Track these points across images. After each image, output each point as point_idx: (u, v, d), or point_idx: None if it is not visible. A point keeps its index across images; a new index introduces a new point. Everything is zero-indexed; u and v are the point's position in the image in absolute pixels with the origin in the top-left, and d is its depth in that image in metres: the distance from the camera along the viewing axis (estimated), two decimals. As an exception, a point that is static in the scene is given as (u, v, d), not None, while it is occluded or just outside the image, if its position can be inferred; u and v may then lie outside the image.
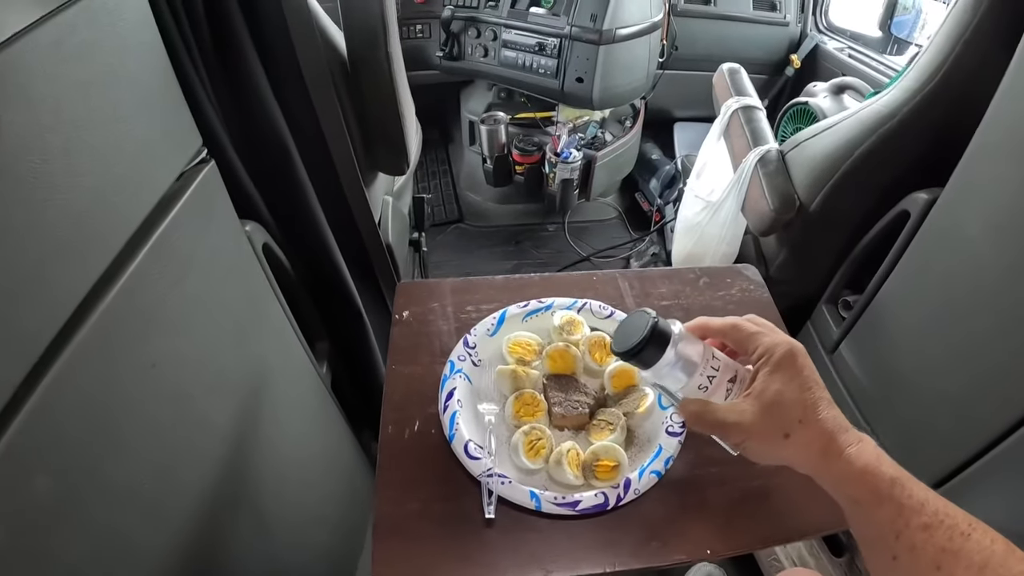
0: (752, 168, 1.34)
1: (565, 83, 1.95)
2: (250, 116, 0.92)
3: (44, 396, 0.48)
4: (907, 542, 0.42)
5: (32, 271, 0.47)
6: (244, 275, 0.87)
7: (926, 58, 1.07)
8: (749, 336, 0.52)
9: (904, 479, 0.44)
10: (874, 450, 0.46)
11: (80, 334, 0.52)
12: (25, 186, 0.46)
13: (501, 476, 0.63)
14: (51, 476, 0.49)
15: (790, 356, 0.49)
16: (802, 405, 0.48)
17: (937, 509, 0.42)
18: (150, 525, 0.62)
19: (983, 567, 0.39)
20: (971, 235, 0.96)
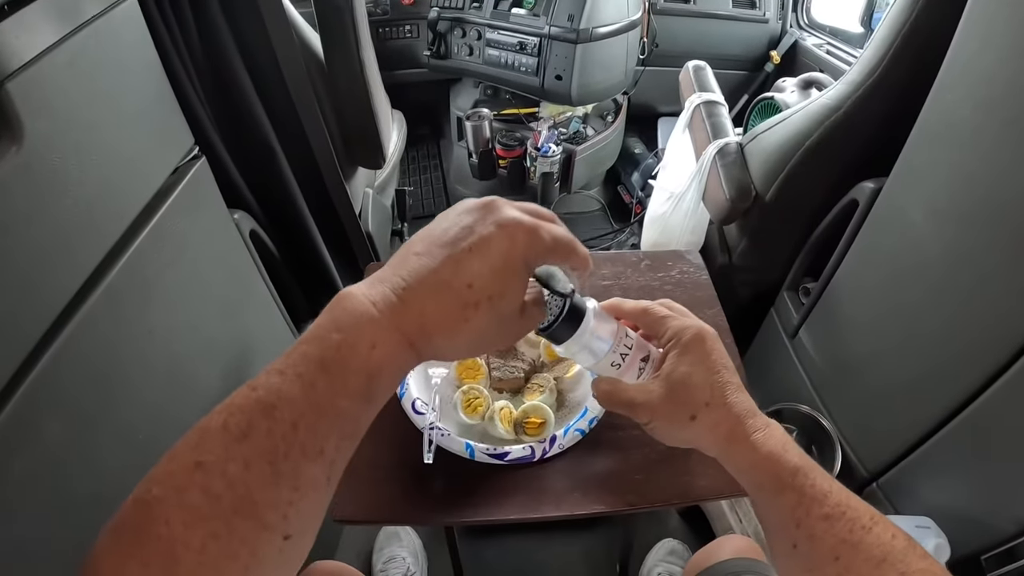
0: (711, 160, 1.39)
1: (545, 80, 2.01)
2: (238, 116, 1.01)
3: (58, 352, 0.58)
4: (807, 531, 0.42)
5: (52, 248, 0.58)
6: (232, 257, 0.97)
7: (868, 52, 1.11)
8: (659, 320, 0.52)
9: (808, 468, 0.44)
10: (781, 437, 0.46)
11: (90, 301, 0.63)
12: (46, 179, 0.58)
13: (441, 429, 0.72)
14: (61, 424, 0.59)
15: (698, 339, 0.49)
16: (709, 388, 0.47)
17: (840, 501, 0.42)
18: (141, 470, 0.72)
19: (881, 561, 0.39)
20: (914, 220, 0.99)
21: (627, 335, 0.52)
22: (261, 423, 0.32)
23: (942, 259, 0.94)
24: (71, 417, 0.61)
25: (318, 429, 0.34)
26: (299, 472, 0.33)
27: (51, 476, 0.59)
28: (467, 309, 0.38)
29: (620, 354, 0.51)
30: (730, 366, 0.49)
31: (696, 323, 0.51)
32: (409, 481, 0.71)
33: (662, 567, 1.35)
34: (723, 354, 0.49)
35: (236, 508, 0.31)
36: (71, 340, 0.60)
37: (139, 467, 0.70)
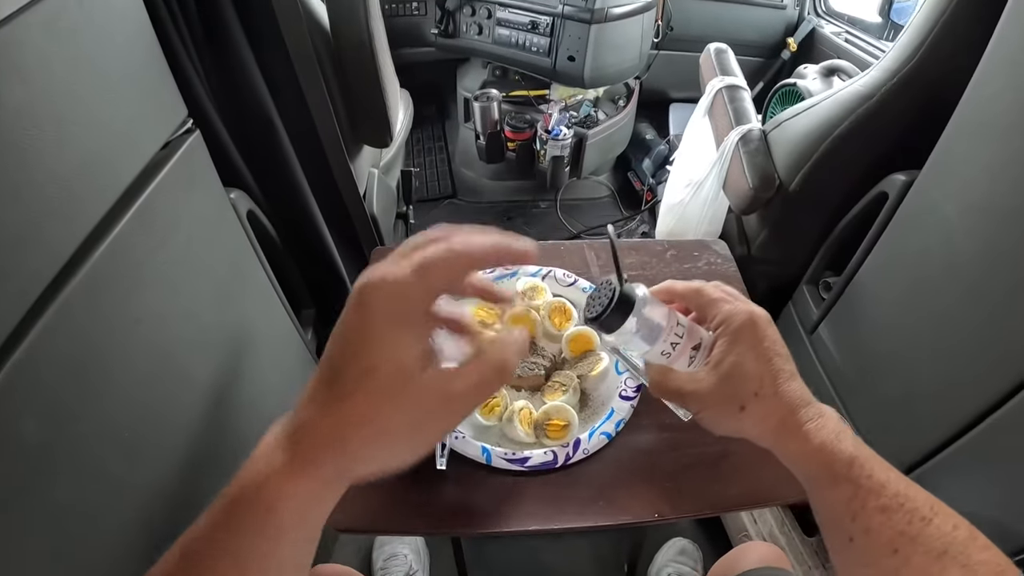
0: (733, 147, 1.34)
1: (557, 61, 1.95)
2: (236, 88, 0.94)
3: (32, 347, 0.51)
4: (863, 524, 0.40)
5: (22, 230, 0.51)
6: (228, 240, 0.90)
7: (905, 39, 1.07)
8: (710, 302, 0.50)
9: (864, 459, 0.42)
10: (835, 426, 0.44)
11: (67, 289, 0.56)
12: (19, 152, 0.50)
13: (455, 431, 0.66)
14: (37, 421, 0.53)
15: (749, 326, 0.47)
16: (758, 377, 0.46)
17: (898, 491, 0.40)
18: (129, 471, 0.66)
19: (942, 553, 0.37)
20: (947, 216, 0.96)
21: (678, 322, 0.51)
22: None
23: (976, 257, 0.90)
24: (48, 416, 0.54)
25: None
26: None
27: (26, 479, 0.52)
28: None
29: (671, 343, 0.50)
30: (783, 353, 0.47)
31: (747, 308, 0.49)
32: (419, 488, 0.65)
33: (672, 567, 1.32)
34: (775, 340, 0.48)
35: None
36: (47, 331, 0.53)
37: (124, 468, 0.65)
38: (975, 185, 0.91)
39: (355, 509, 0.63)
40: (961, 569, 0.37)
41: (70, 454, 0.57)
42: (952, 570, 0.37)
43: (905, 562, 0.38)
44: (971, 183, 0.92)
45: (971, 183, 0.92)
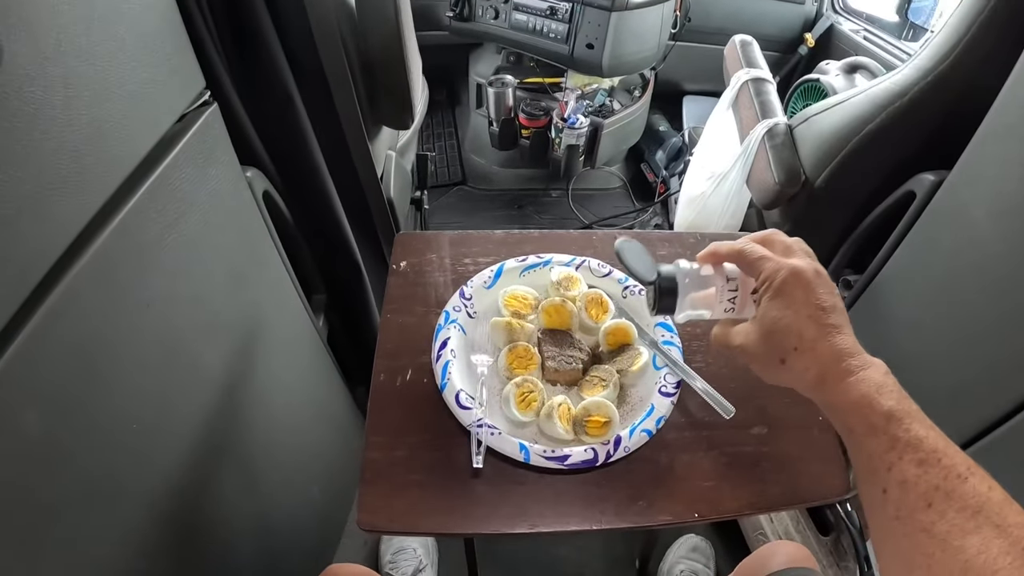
0: (759, 140, 1.32)
1: (575, 49, 1.91)
2: (255, 61, 0.90)
3: (35, 330, 0.48)
4: (898, 476, 0.40)
5: (27, 203, 0.47)
6: (243, 221, 0.86)
7: (940, 38, 1.05)
8: (753, 263, 0.51)
9: (903, 413, 0.42)
10: (878, 380, 0.44)
11: (74, 269, 0.52)
12: (25, 116, 0.46)
13: (491, 427, 0.63)
14: (38, 412, 0.49)
15: (789, 281, 0.48)
16: (797, 333, 0.47)
17: (936, 448, 0.40)
18: (137, 464, 0.63)
19: (977, 512, 0.37)
20: (976, 219, 0.94)
21: (727, 280, 0.54)
22: None
23: (1005, 261, 0.88)
24: (51, 406, 0.51)
25: None
26: None
27: (26, 476, 0.49)
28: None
29: (728, 300, 0.54)
30: (827, 306, 0.47)
31: (789, 264, 0.49)
32: (450, 487, 0.62)
33: (684, 564, 1.31)
34: (818, 294, 0.47)
35: None
36: (51, 316, 0.49)
37: (133, 462, 0.61)
38: (1006, 188, 0.89)
39: (385, 510, 0.60)
40: (995, 529, 0.36)
41: (74, 448, 0.54)
42: (986, 529, 0.36)
43: (940, 516, 0.38)
44: (1002, 186, 0.90)
45: (1002, 186, 0.90)
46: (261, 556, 0.95)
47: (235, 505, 0.87)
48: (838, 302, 0.48)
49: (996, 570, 0.35)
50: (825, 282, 0.48)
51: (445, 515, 0.60)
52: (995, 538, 0.36)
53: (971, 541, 0.36)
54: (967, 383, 0.95)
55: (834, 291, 0.48)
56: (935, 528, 0.38)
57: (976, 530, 0.36)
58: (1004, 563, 0.35)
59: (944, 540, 0.37)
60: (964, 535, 0.37)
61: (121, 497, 0.61)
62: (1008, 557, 0.35)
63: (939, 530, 0.37)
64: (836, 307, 0.47)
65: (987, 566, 0.35)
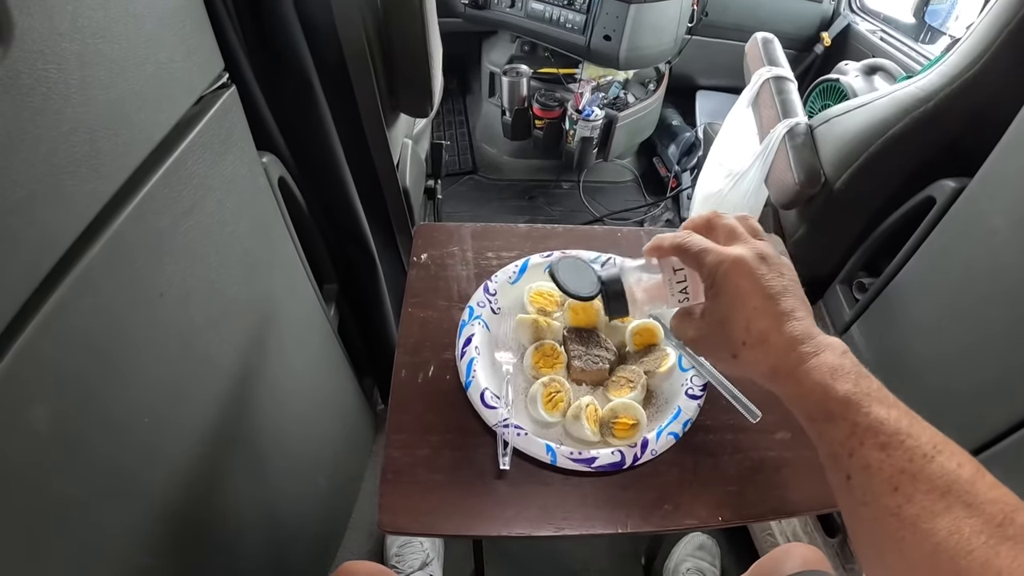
0: (780, 140, 1.30)
1: (592, 40, 1.88)
2: (273, 43, 0.88)
3: (47, 319, 0.46)
4: (861, 461, 0.39)
5: (41, 187, 0.45)
6: (258, 208, 0.84)
7: (968, 44, 1.03)
8: (694, 258, 0.49)
9: (862, 395, 0.40)
10: (832, 363, 0.42)
11: (88, 256, 0.50)
12: (38, 96, 0.44)
13: (517, 427, 0.61)
14: (49, 404, 0.47)
15: (732, 274, 0.46)
16: (744, 328, 0.45)
17: (898, 429, 0.39)
18: (146, 463, 0.62)
19: (946, 492, 0.36)
20: (996, 228, 0.93)
21: (675, 272, 0.52)
22: None
23: (1022, 272, 0.88)
24: (61, 398, 0.49)
25: None
26: None
27: (36, 470, 0.47)
28: None
29: (680, 291, 0.52)
30: (775, 292, 0.45)
31: (730, 255, 0.47)
32: (474, 487, 0.60)
33: (690, 561, 1.31)
34: (764, 282, 0.45)
35: None
36: (62, 305, 0.47)
37: (144, 457, 0.59)
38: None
39: (407, 511, 0.58)
40: (966, 508, 0.35)
41: (84, 441, 0.52)
42: (956, 509, 0.35)
43: (907, 500, 0.37)
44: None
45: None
46: (268, 547, 0.94)
47: (244, 496, 0.85)
48: (789, 283, 0.46)
49: (970, 550, 0.34)
50: (772, 265, 0.46)
51: (469, 517, 0.58)
52: (966, 518, 0.35)
53: (941, 523, 0.35)
54: (980, 390, 0.95)
55: (783, 271, 0.46)
56: (903, 512, 0.37)
57: (946, 511, 0.36)
58: (978, 543, 0.34)
59: (913, 524, 0.36)
60: (933, 517, 0.36)
61: (131, 490, 0.60)
62: (982, 536, 0.34)
63: (907, 513, 0.37)
64: (787, 290, 0.45)
65: (959, 547, 0.34)
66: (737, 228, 0.50)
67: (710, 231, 0.51)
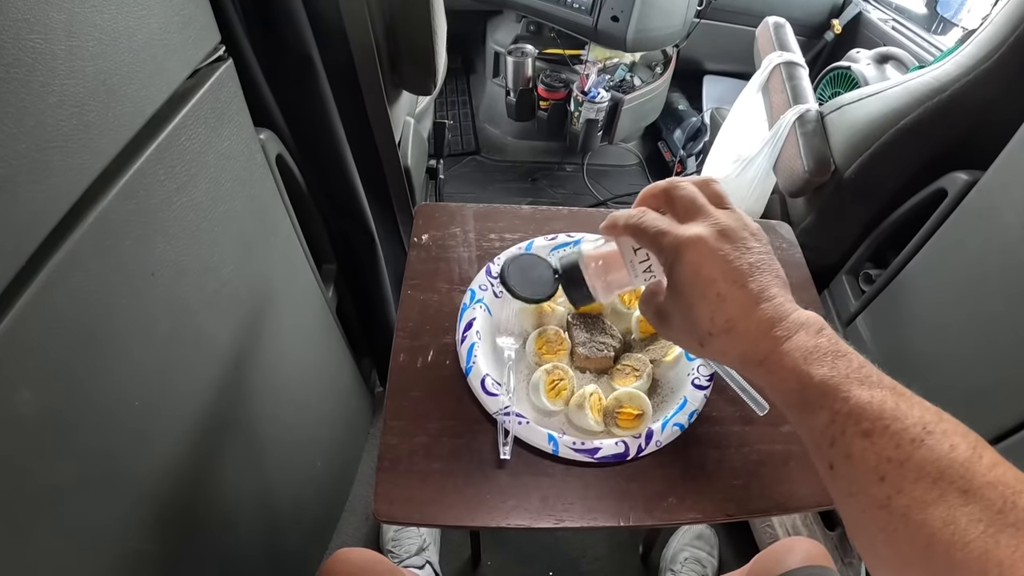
0: (790, 126, 1.28)
1: (599, 21, 1.84)
2: (273, 16, 0.85)
3: (32, 300, 0.44)
4: (843, 450, 0.36)
5: (26, 162, 0.43)
6: (254, 186, 0.82)
7: (986, 35, 1.02)
8: (649, 240, 0.45)
9: (840, 379, 0.37)
10: (806, 346, 0.39)
11: (76, 234, 0.48)
12: (23, 67, 0.41)
13: (519, 416, 0.60)
14: (35, 388, 0.46)
15: (690, 261, 0.42)
16: (708, 317, 0.41)
17: (883, 412, 0.35)
18: (138, 447, 0.60)
19: (938, 479, 0.33)
20: (1009, 222, 0.92)
21: (634, 251, 0.49)
22: None
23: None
24: (48, 382, 0.47)
25: None
26: None
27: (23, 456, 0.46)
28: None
29: (643, 271, 0.49)
30: (740, 271, 0.41)
31: (685, 236, 0.42)
32: (473, 477, 0.59)
33: (688, 551, 1.30)
34: (725, 264, 0.41)
35: None
36: (49, 285, 0.45)
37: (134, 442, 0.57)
38: (1043, 195, 0.87)
39: (404, 501, 0.57)
40: (961, 495, 0.32)
41: (73, 426, 0.51)
42: (950, 497, 0.32)
43: (895, 490, 0.34)
44: None
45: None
46: (264, 530, 0.94)
47: (239, 479, 0.84)
48: (755, 257, 0.41)
49: (967, 542, 0.31)
50: (737, 240, 0.42)
51: (468, 508, 0.57)
52: (962, 506, 0.32)
53: (934, 513, 0.32)
54: (987, 387, 0.94)
55: (748, 244, 0.42)
56: (892, 503, 0.34)
57: (939, 500, 0.33)
58: (976, 532, 0.31)
59: (904, 515, 0.33)
60: (925, 507, 0.33)
61: (122, 475, 0.58)
62: (980, 525, 0.31)
63: (897, 505, 0.34)
64: (754, 267, 0.41)
65: (955, 539, 0.31)
66: (697, 199, 0.44)
67: (669, 205, 0.46)
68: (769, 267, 0.42)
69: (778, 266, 0.43)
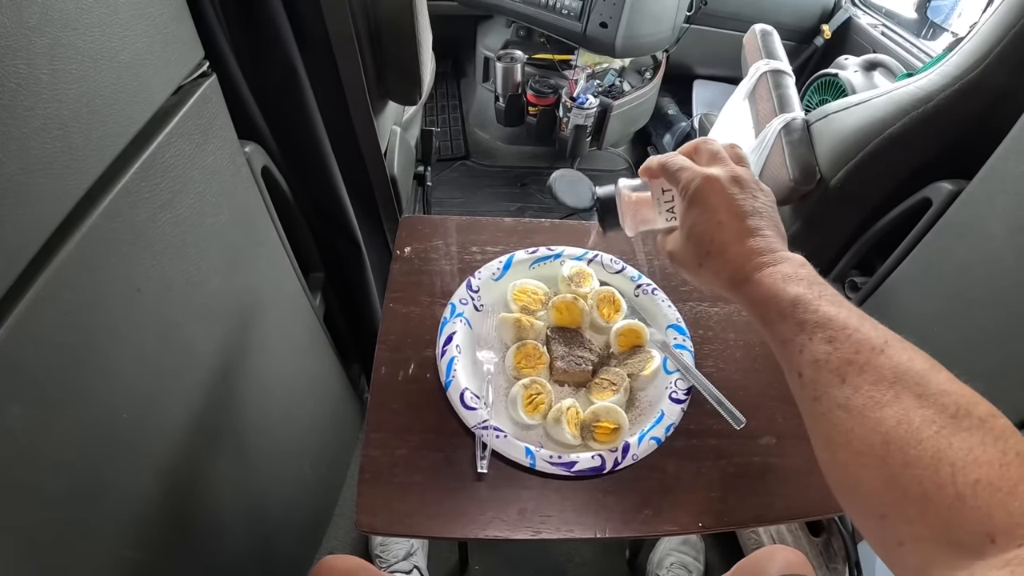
0: (776, 134, 1.29)
1: (588, 27, 1.85)
2: (257, 30, 0.85)
3: (21, 318, 0.45)
4: (809, 356, 0.40)
5: (11, 184, 0.43)
6: (240, 198, 0.82)
7: (971, 45, 1.03)
8: (673, 175, 0.52)
9: (812, 297, 0.41)
10: (786, 272, 0.44)
11: (62, 253, 0.48)
12: (7, 92, 0.42)
13: (497, 429, 0.61)
14: (24, 403, 0.46)
15: (703, 189, 0.49)
16: (709, 238, 0.48)
17: (847, 325, 0.39)
18: (127, 459, 0.61)
19: (894, 382, 0.36)
20: (994, 232, 0.93)
21: (663, 192, 0.56)
22: None
23: (1018, 278, 0.88)
24: (37, 398, 0.48)
25: None
26: None
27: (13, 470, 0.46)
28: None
29: (667, 209, 0.56)
30: (743, 210, 0.47)
31: (701, 173, 0.49)
32: (453, 489, 0.60)
33: (674, 556, 1.31)
34: (732, 200, 0.48)
35: None
36: (37, 302, 0.46)
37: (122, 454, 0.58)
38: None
39: (385, 512, 0.58)
40: (916, 399, 0.35)
41: (63, 440, 0.51)
42: (905, 399, 0.35)
43: (854, 391, 0.37)
44: (1022, 201, 0.89)
45: (1022, 201, 0.89)
46: (254, 537, 0.94)
47: (228, 487, 0.85)
48: (760, 205, 0.48)
49: (920, 439, 0.33)
50: (745, 186, 0.48)
51: (447, 519, 0.58)
52: (917, 408, 0.34)
53: (889, 412, 0.35)
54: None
55: (756, 194, 0.48)
56: (850, 403, 0.37)
57: (894, 400, 0.35)
58: (929, 432, 0.33)
59: (861, 414, 0.36)
60: (880, 407, 0.35)
61: (112, 485, 0.59)
62: (934, 426, 0.33)
63: (854, 404, 0.36)
64: (756, 210, 0.47)
65: (910, 436, 0.34)
66: (720, 152, 0.52)
67: (695, 154, 0.53)
68: (768, 215, 0.48)
69: (778, 218, 0.49)
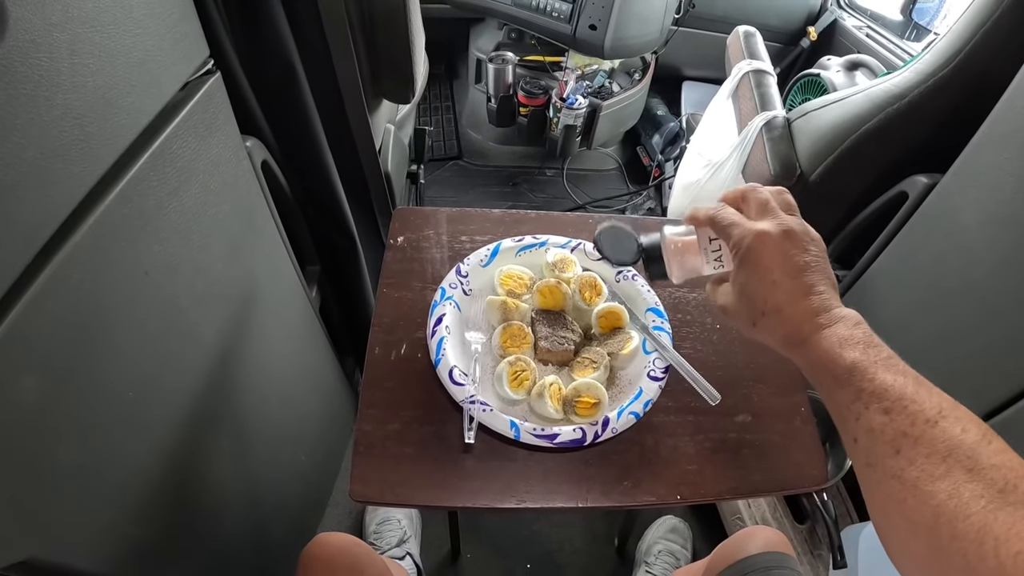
0: (757, 132, 1.33)
1: (577, 29, 1.89)
2: (258, 31, 0.89)
3: (36, 297, 0.48)
4: (865, 425, 0.41)
5: (32, 170, 0.47)
6: (241, 190, 0.86)
7: (943, 43, 1.06)
8: (723, 230, 0.52)
9: (868, 363, 0.42)
10: (843, 334, 0.44)
11: (76, 235, 0.52)
12: (30, 83, 0.46)
13: (483, 404, 0.64)
14: (37, 375, 0.50)
15: (755, 249, 0.48)
16: (763, 298, 0.48)
17: (903, 395, 0.40)
18: (131, 431, 0.64)
19: (947, 456, 0.37)
20: (967, 224, 0.95)
21: (710, 240, 0.56)
22: None
23: (993, 269, 0.90)
24: (49, 373, 0.51)
25: None
26: None
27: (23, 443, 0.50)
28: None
29: (714, 259, 0.56)
30: (797, 266, 0.47)
31: (754, 229, 0.49)
32: (442, 461, 0.63)
33: (662, 544, 1.33)
34: (785, 258, 0.48)
35: None
36: (52, 281, 0.49)
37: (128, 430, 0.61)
38: (999, 196, 0.90)
39: (378, 482, 0.61)
40: (967, 473, 0.36)
41: (71, 413, 0.55)
42: (956, 473, 0.36)
43: (909, 463, 0.38)
44: (995, 193, 0.91)
45: (995, 193, 0.91)
46: (249, 522, 0.97)
47: (225, 471, 0.88)
48: (811, 259, 0.48)
49: (968, 515, 0.34)
50: (797, 241, 0.48)
51: (436, 489, 0.61)
52: (967, 482, 0.35)
53: (941, 486, 0.36)
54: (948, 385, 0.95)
55: (808, 247, 0.48)
56: (905, 475, 0.38)
57: (946, 475, 0.36)
58: (977, 507, 0.34)
59: (915, 486, 0.37)
60: (933, 480, 0.36)
61: (116, 461, 0.62)
62: (982, 500, 0.34)
63: (909, 476, 0.38)
64: (808, 266, 0.47)
65: (959, 510, 0.35)
66: (769, 203, 0.51)
67: (744, 204, 0.53)
68: (821, 269, 0.48)
69: (831, 271, 0.49)
